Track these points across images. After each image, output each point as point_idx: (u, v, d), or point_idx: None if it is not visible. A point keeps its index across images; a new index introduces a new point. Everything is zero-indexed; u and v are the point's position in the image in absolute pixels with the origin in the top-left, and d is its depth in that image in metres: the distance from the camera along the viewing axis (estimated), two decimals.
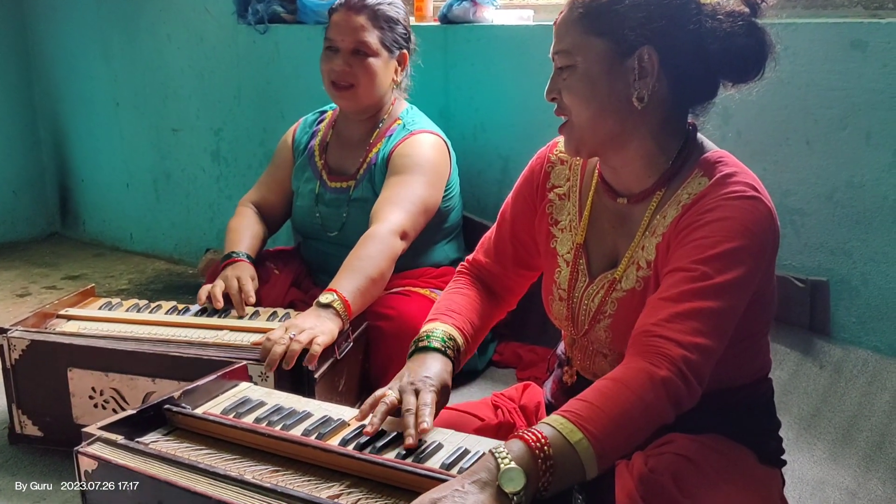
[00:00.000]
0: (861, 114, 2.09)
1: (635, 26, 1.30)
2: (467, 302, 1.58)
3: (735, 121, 2.25)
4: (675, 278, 1.25)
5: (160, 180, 3.87)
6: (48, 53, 4.14)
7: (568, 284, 1.47)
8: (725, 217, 1.26)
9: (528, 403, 1.60)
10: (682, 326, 1.20)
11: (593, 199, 1.47)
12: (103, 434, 1.33)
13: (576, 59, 1.33)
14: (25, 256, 4.01)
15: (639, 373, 1.17)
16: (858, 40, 2.06)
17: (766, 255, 1.30)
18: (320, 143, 2.49)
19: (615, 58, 1.31)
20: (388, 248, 2.11)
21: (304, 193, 2.48)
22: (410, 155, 2.30)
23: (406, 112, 2.44)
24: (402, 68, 2.41)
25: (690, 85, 1.35)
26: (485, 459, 1.10)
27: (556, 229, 1.51)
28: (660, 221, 1.36)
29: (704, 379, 1.21)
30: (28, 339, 1.97)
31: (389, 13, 2.35)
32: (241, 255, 2.29)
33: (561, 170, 1.53)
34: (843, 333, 2.19)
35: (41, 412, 2.02)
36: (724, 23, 1.30)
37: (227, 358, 1.81)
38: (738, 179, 1.30)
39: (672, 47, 1.30)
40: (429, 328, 1.50)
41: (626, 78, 1.31)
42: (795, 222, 2.22)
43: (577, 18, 1.33)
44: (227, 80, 3.47)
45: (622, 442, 1.15)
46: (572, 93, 1.34)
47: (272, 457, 1.31)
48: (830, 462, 1.92)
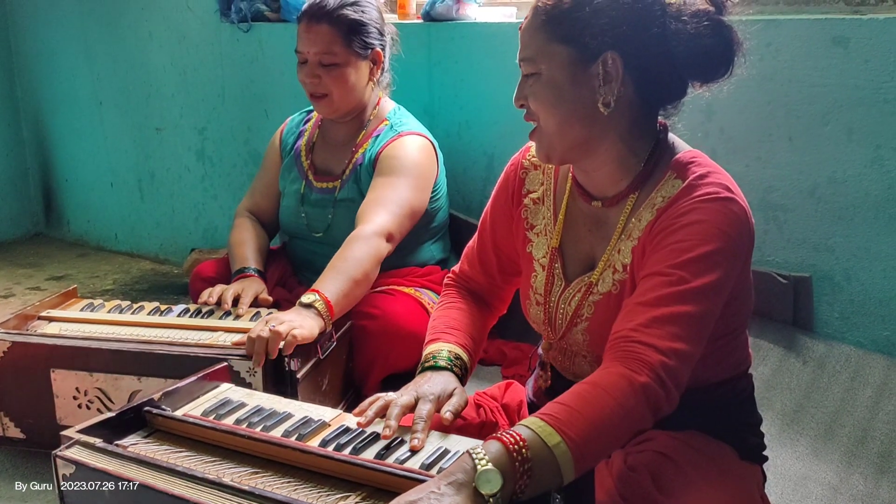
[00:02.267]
0: (843, 110, 2.10)
1: (597, 32, 1.29)
2: (463, 316, 1.58)
3: (718, 117, 2.25)
4: (652, 283, 1.25)
5: (144, 180, 3.85)
6: (30, 52, 4.12)
7: (544, 289, 1.47)
8: (700, 220, 1.26)
9: (510, 402, 1.60)
10: (661, 332, 1.20)
11: (568, 202, 1.47)
12: (82, 437, 1.32)
13: (540, 67, 1.32)
14: (9, 257, 3.99)
15: (619, 378, 1.17)
16: (840, 37, 2.07)
17: (741, 256, 1.30)
18: (306, 144, 2.48)
19: (579, 64, 1.30)
20: (374, 250, 2.10)
21: (289, 193, 2.47)
22: (398, 157, 2.29)
23: (393, 112, 2.43)
24: (377, 67, 2.37)
25: (657, 87, 1.34)
26: (462, 460, 1.09)
27: (532, 234, 1.51)
28: (635, 225, 1.35)
29: (682, 384, 1.21)
30: (9, 341, 1.96)
31: (353, 17, 2.28)
32: (251, 269, 2.29)
33: (535, 174, 1.53)
34: (826, 329, 2.20)
35: (24, 414, 2.00)
36: (689, 24, 1.28)
37: (213, 355, 1.81)
38: (712, 181, 1.30)
39: (636, 51, 1.29)
40: (433, 349, 1.50)
41: (591, 84, 1.31)
42: (778, 218, 2.22)
43: (541, 25, 1.32)
44: (210, 78, 3.46)
45: (600, 447, 1.15)
46: (538, 100, 1.33)
47: (252, 458, 1.30)
48: (813, 457, 1.93)
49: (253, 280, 2.23)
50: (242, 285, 2.18)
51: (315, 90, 2.31)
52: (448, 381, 1.43)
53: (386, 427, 1.31)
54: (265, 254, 2.41)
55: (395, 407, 1.34)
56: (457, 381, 1.44)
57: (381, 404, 1.36)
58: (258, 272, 2.29)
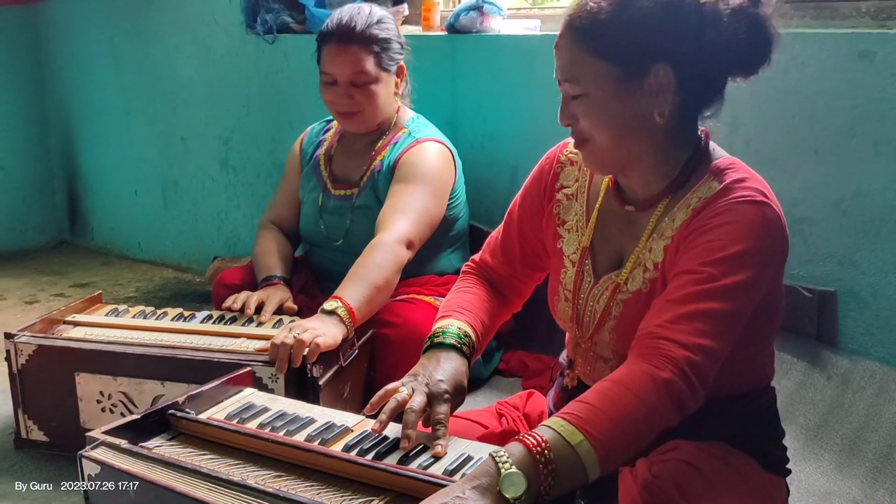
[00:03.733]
0: (869, 123, 2.08)
1: (644, 46, 1.27)
2: (477, 300, 1.58)
3: (744, 130, 2.25)
4: (682, 280, 1.25)
5: (168, 188, 3.89)
6: (60, 63, 4.18)
7: (574, 285, 1.47)
8: (734, 220, 1.26)
9: (531, 412, 1.59)
10: (687, 328, 1.19)
11: (602, 202, 1.46)
12: (107, 438, 1.33)
13: (588, 87, 1.30)
14: (34, 264, 4.03)
15: (641, 374, 1.17)
16: (867, 50, 2.06)
17: (773, 260, 1.29)
18: (325, 153, 2.50)
19: (629, 80, 1.29)
20: (394, 257, 2.11)
21: (308, 202, 2.49)
22: (416, 164, 2.30)
23: (412, 120, 2.45)
24: (401, 79, 2.40)
25: (701, 91, 1.34)
26: (485, 464, 1.09)
27: (563, 229, 1.51)
28: (668, 224, 1.35)
29: (708, 381, 1.20)
30: (35, 344, 1.98)
31: (380, 35, 2.31)
32: (276, 277, 2.30)
33: (570, 170, 1.52)
34: (850, 344, 2.18)
35: (47, 417, 2.02)
36: (731, 23, 1.27)
37: (237, 360, 1.82)
38: (748, 185, 1.30)
39: (683, 59, 1.28)
40: (443, 324, 1.49)
41: (644, 97, 1.29)
42: (803, 231, 2.21)
43: (581, 44, 1.30)
44: (235, 89, 3.49)
45: (624, 444, 1.14)
46: (591, 120, 1.32)
47: (275, 462, 1.31)
48: (837, 473, 1.91)
49: (279, 288, 2.24)
50: (267, 293, 2.19)
51: (347, 109, 2.33)
52: (459, 370, 1.41)
53: (405, 438, 1.29)
54: (290, 262, 2.42)
55: (409, 413, 1.31)
56: (464, 365, 1.43)
57: (394, 406, 1.34)
58: (284, 280, 2.30)
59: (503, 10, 2.78)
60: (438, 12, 2.99)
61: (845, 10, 2.25)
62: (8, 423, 2.20)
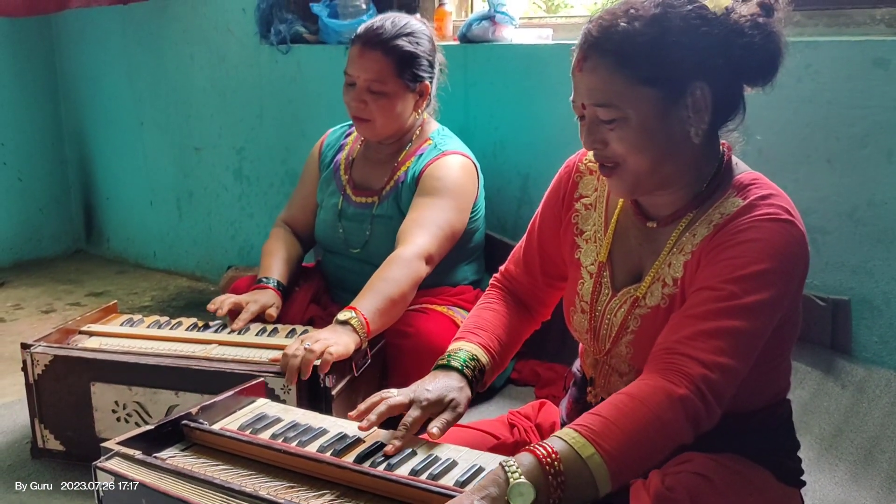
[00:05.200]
0: (883, 132, 2.07)
1: (681, 66, 1.26)
2: (495, 318, 1.58)
3: (756, 139, 2.24)
4: (702, 297, 1.24)
5: (183, 198, 3.91)
6: (75, 74, 4.21)
7: (591, 297, 1.46)
8: (758, 238, 1.25)
9: (543, 422, 1.59)
10: (706, 345, 1.19)
11: (619, 215, 1.46)
12: (121, 449, 1.34)
13: (626, 112, 1.27)
14: (51, 273, 4.06)
15: (656, 390, 1.16)
16: (880, 58, 2.05)
17: (795, 280, 1.28)
18: (346, 158, 2.50)
19: (668, 102, 1.27)
20: (413, 272, 2.11)
21: (327, 207, 2.48)
22: (441, 178, 2.30)
23: (437, 132, 2.44)
24: (423, 99, 2.36)
25: (727, 105, 1.33)
26: (494, 474, 1.09)
27: (581, 240, 1.50)
28: (689, 239, 1.34)
29: (725, 400, 1.19)
30: (51, 355, 1.99)
31: (407, 49, 2.28)
32: (271, 281, 2.30)
33: (589, 179, 1.51)
34: (864, 353, 2.17)
35: (63, 427, 2.04)
36: (753, 36, 1.27)
37: (249, 371, 1.83)
38: (773, 202, 1.28)
39: (717, 76, 1.27)
40: (454, 347, 1.50)
41: (681, 117, 1.28)
42: (817, 241, 2.20)
43: (617, 68, 1.26)
44: (249, 99, 3.51)
45: (636, 459, 1.14)
46: (626, 144, 1.29)
47: (288, 473, 1.31)
48: (852, 483, 1.90)
49: (265, 292, 2.24)
50: (253, 296, 2.20)
51: (360, 114, 2.32)
52: (451, 385, 1.42)
53: (365, 420, 1.33)
54: (294, 265, 2.42)
55: (382, 405, 1.35)
56: (463, 386, 1.43)
57: (383, 409, 1.37)
58: (279, 284, 2.30)
59: (515, 19, 2.79)
60: (451, 22, 3.00)
61: (859, 18, 2.24)
62: (24, 432, 2.22)
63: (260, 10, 3.30)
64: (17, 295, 3.72)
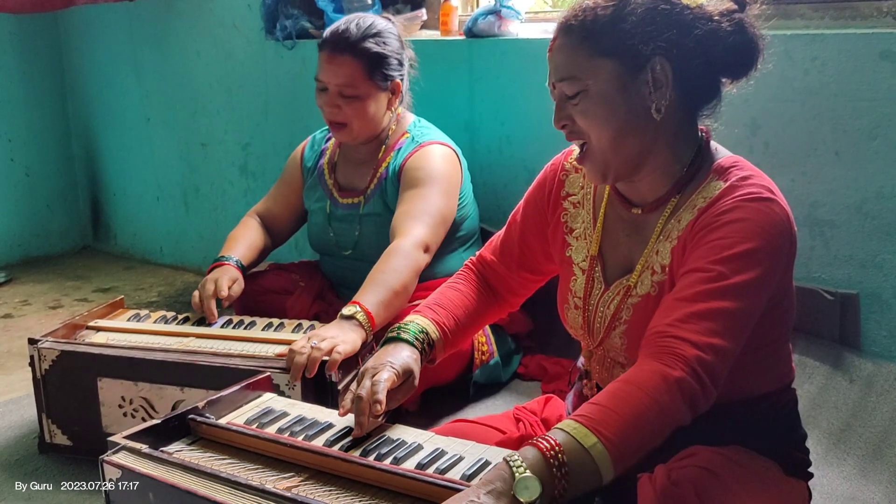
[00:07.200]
0: (891, 124, 2.06)
1: (643, 40, 1.29)
2: (457, 297, 1.61)
3: (763, 132, 2.23)
4: (691, 279, 1.25)
5: (189, 194, 3.92)
6: (81, 71, 4.22)
7: (584, 292, 1.47)
8: (742, 218, 1.26)
9: (549, 417, 1.60)
10: (697, 326, 1.19)
11: (606, 208, 1.47)
12: (128, 443, 1.34)
13: (587, 83, 1.32)
14: (58, 269, 4.08)
15: (652, 374, 1.17)
16: (887, 51, 2.04)
17: (782, 258, 1.29)
18: (329, 162, 2.50)
19: (627, 74, 1.31)
20: (413, 262, 2.11)
21: (315, 211, 2.50)
22: (422, 168, 2.30)
23: (414, 125, 2.44)
24: (396, 97, 2.37)
25: (697, 89, 1.35)
26: (499, 468, 1.10)
27: (571, 237, 1.51)
28: (674, 226, 1.36)
29: (720, 380, 1.20)
30: (58, 350, 2.00)
31: (375, 50, 2.28)
32: (231, 259, 2.30)
33: (576, 177, 1.53)
34: (873, 347, 2.16)
35: (71, 421, 2.04)
36: (722, 23, 1.30)
37: (254, 367, 1.83)
38: (754, 181, 1.30)
39: (680, 55, 1.30)
40: (407, 320, 1.54)
41: (641, 92, 1.31)
42: (824, 234, 2.19)
43: (579, 42, 1.32)
44: (255, 95, 3.51)
45: (637, 444, 1.14)
46: (588, 117, 1.33)
47: (294, 466, 1.32)
48: (860, 477, 1.89)
49: (227, 268, 2.25)
50: (215, 275, 2.21)
51: (335, 118, 2.32)
52: (407, 354, 1.45)
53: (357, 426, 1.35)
54: (258, 253, 2.43)
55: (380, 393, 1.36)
56: (417, 357, 1.47)
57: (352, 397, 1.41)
58: (239, 263, 2.30)
59: (521, 13, 2.78)
60: (457, 17, 2.99)
61: (866, 10, 2.23)
62: (32, 427, 2.23)
63: (265, 5, 3.31)
64: (24, 291, 3.73)
